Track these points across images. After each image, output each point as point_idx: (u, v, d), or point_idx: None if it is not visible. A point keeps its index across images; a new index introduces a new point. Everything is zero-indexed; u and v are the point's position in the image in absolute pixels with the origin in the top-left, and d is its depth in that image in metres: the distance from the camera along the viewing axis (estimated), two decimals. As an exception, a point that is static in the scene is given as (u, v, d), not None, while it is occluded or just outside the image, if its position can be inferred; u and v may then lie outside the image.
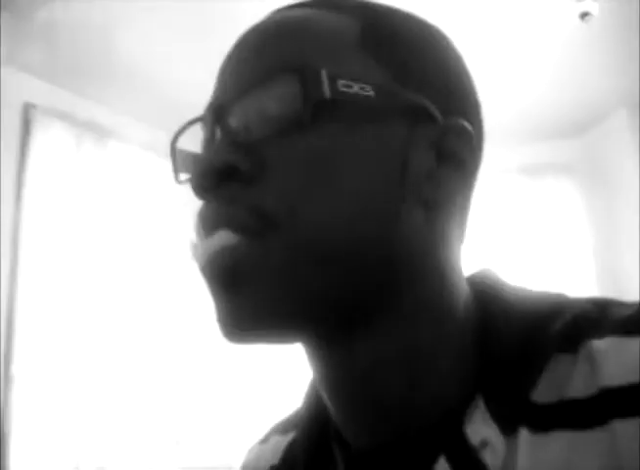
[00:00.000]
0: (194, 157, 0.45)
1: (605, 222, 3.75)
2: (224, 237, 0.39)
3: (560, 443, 0.37)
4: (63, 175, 3.05)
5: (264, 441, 0.56)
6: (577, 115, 3.68)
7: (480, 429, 0.39)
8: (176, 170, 0.46)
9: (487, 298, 0.45)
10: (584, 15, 2.48)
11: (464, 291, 0.44)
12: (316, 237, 0.38)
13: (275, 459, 0.53)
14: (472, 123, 0.43)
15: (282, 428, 0.55)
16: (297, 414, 0.53)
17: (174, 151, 0.47)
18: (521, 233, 3.79)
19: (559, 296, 0.44)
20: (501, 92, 3.36)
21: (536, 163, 3.86)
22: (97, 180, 3.19)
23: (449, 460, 0.39)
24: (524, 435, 0.38)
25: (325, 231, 0.38)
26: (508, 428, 0.39)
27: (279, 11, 0.46)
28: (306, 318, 0.40)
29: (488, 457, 0.38)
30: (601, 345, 0.38)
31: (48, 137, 3.03)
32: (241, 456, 0.58)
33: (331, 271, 0.39)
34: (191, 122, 0.46)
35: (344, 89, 0.39)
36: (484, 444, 0.39)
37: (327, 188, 0.39)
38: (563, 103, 3.54)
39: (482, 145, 0.46)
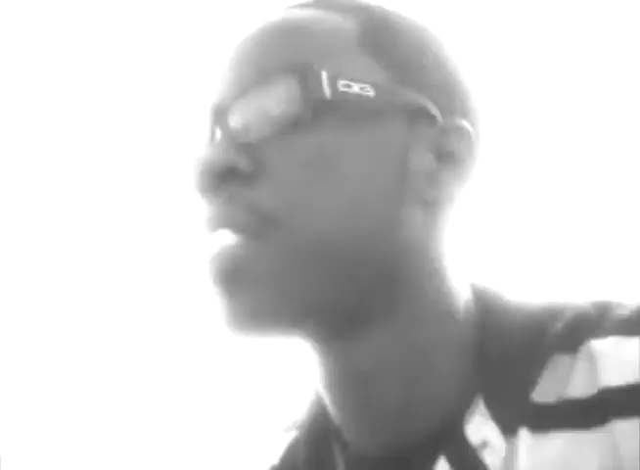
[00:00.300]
0: (194, 157, 0.45)
1: None
2: (224, 237, 0.39)
3: (560, 443, 0.37)
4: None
5: (266, 438, 0.56)
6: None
7: (481, 429, 0.39)
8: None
9: (489, 298, 0.45)
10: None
11: (465, 291, 0.44)
12: (316, 237, 0.39)
13: (275, 458, 0.53)
14: (472, 123, 0.43)
15: (284, 426, 0.55)
16: (299, 413, 0.53)
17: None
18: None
19: (559, 300, 0.44)
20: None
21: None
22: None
23: (449, 461, 0.39)
24: (524, 435, 0.38)
25: (325, 231, 0.39)
26: (508, 428, 0.39)
27: (279, 11, 0.46)
28: (306, 318, 0.40)
29: (488, 457, 0.38)
30: (601, 345, 0.39)
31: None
32: (237, 456, 0.58)
33: (330, 271, 0.39)
34: (194, 122, 0.46)
35: (344, 89, 0.39)
36: (484, 444, 0.39)
37: (327, 188, 0.39)
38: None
39: (484, 145, 0.46)
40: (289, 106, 0.39)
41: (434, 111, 0.42)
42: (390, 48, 0.42)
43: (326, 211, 0.39)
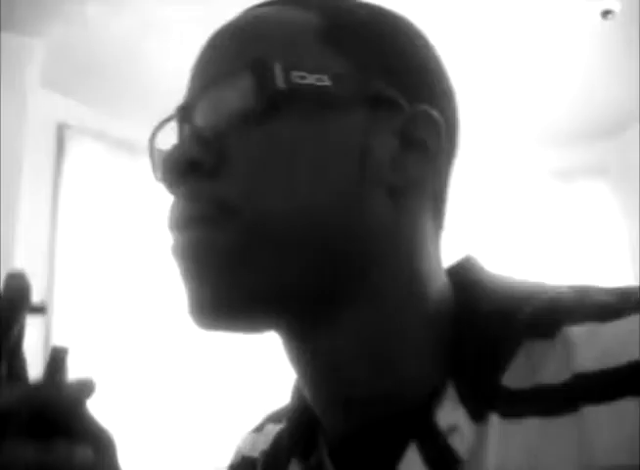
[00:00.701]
0: (163, 154, 0.46)
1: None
2: (191, 232, 0.41)
3: (530, 429, 0.36)
4: (96, 193, 3.11)
5: (259, 429, 0.57)
6: (611, 115, 3.61)
7: (450, 414, 0.39)
8: (154, 169, 0.47)
9: (464, 285, 0.45)
10: (606, 13, 2.44)
11: (439, 278, 0.44)
12: (273, 222, 0.39)
13: (266, 446, 0.54)
14: (441, 111, 0.43)
15: (275, 417, 0.56)
16: (291, 400, 0.54)
17: (153, 150, 0.48)
18: (556, 237, 3.72)
19: (537, 283, 0.44)
20: (533, 95, 3.32)
21: (570, 166, 3.79)
22: (130, 197, 3.24)
23: (419, 446, 0.39)
24: (494, 420, 0.38)
25: (281, 216, 0.39)
26: (477, 413, 0.38)
27: (246, 10, 0.48)
28: (268, 303, 0.41)
29: (457, 443, 0.38)
30: (577, 330, 0.38)
31: (81, 156, 3.09)
32: (226, 458, 0.59)
33: (289, 256, 0.40)
34: (165, 121, 0.47)
35: (299, 80, 0.40)
36: (453, 428, 0.38)
37: (282, 176, 0.40)
38: (596, 104, 3.47)
39: (456, 132, 0.46)
40: (246, 99, 0.40)
41: (400, 98, 0.42)
42: (353, 39, 0.43)
43: (281, 199, 0.39)
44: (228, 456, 0.58)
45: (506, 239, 3.72)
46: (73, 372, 0.41)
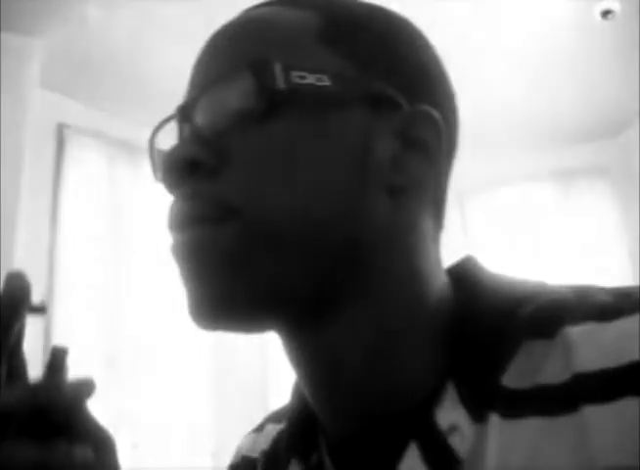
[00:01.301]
0: (163, 154, 0.46)
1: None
2: (191, 232, 0.41)
3: (530, 429, 0.36)
4: (97, 194, 3.11)
5: (259, 429, 0.57)
6: (611, 115, 3.61)
7: (450, 414, 0.39)
8: (155, 169, 0.47)
9: (465, 285, 0.44)
10: (606, 13, 2.45)
11: (440, 278, 0.44)
12: (273, 221, 0.39)
13: (266, 446, 0.54)
14: (441, 111, 0.43)
15: (275, 417, 0.56)
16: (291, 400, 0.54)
17: (153, 150, 0.48)
18: (556, 237, 3.73)
19: (538, 283, 0.44)
20: (533, 95, 3.32)
21: (570, 166, 3.79)
22: (131, 198, 3.24)
23: (419, 446, 0.39)
24: (494, 420, 0.38)
25: (282, 216, 0.39)
26: (477, 413, 0.38)
27: (245, 11, 0.48)
28: (268, 303, 0.40)
29: (457, 443, 0.38)
30: (577, 331, 0.38)
31: (82, 156, 3.09)
32: (226, 458, 0.59)
33: (290, 256, 0.39)
34: (165, 121, 0.47)
35: (298, 80, 0.40)
36: (453, 428, 0.38)
37: (282, 176, 0.40)
38: (596, 104, 3.48)
39: (455, 132, 0.46)
40: (246, 99, 0.40)
41: (400, 98, 0.42)
42: (352, 39, 0.43)
43: (282, 199, 0.39)
44: (228, 456, 0.58)
45: (506, 239, 3.72)
46: (73, 372, 0.41)
